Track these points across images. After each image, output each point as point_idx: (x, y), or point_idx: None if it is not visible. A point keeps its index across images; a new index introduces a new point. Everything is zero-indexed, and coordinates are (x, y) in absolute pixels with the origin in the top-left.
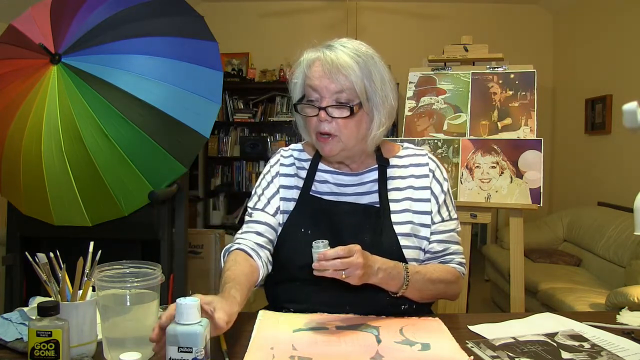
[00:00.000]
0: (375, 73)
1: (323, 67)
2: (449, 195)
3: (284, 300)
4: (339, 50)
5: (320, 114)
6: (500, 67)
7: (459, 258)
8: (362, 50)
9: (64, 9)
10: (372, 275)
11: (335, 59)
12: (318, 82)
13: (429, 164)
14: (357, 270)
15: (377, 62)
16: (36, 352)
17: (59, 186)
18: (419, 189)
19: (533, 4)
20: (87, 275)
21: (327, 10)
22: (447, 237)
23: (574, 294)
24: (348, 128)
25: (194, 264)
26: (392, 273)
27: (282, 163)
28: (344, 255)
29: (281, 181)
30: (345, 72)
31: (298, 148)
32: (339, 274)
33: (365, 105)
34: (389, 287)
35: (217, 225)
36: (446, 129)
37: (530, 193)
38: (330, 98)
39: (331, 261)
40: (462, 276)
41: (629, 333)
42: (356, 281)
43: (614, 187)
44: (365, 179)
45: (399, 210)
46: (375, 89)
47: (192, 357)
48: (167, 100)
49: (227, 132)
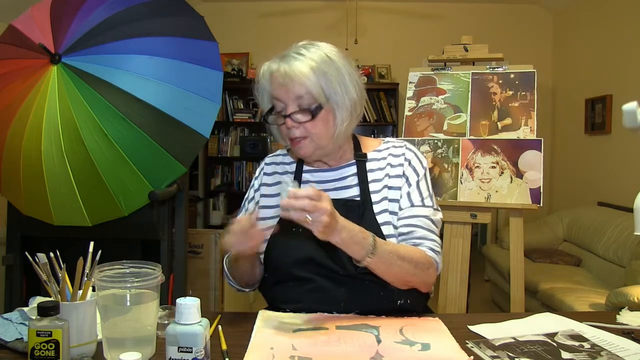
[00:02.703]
0: (331, 73)
1: (280, 75)
2: (425, 182)
3: (279, 301)
4: (291, 60)
5: (287, 122)
6: (500, 67)
7: (430, 244)
8: (316, 53)
9: (64, 9)
10: (335, 231)
11: (289, 69)
12: (278, 92)
13: (405, 153)
14: (322, 216)
15: (333, 61)
16: (36, 352)
17: (59, 186)
18: (394, 177)
19: (533, 4)
20: (87, 275)
21: (327, 10)
22: (415, 221)
23: (574, 294)
24: (316, 128)
25: (194, 264)
26: (358, 236)
27: (265, 172)
28: (314, 197)
29: (263, 191)
30: (300, 81)
31: (283, 153)
32: (303, 216)
33: (327, 105)
34: (353, 252)
35: (217, 225)
36: (446, 129)
37: (530, 193)
38: (293, 105)
39: (300, 200)
40: (434, 264)
41: (629, 333)
42: (320, 229)
43: (614, 187)
44: (344, 173)
45: (378, 201)
46: (334, 88)
47: (192, 357)
48: (167, 100)
49: (227, 132)
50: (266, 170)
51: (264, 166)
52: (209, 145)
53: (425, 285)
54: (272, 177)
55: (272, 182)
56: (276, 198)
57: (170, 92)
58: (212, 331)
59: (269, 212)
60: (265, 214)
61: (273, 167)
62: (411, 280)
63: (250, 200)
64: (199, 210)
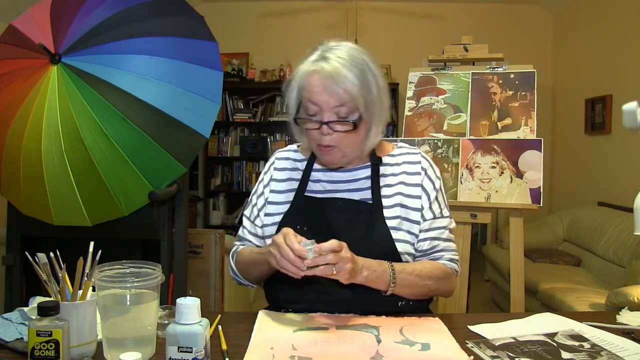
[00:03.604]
0: (371, 81)
1: (321, 82)
2: (441, 193)
3: (282, 301)
4: (335, 62)
5: (322, 128)
6: (500, 67)
7: (449, 255)
8: (358, 58)
9: (64, 8)
10: (358, 273)
11: (334, 72)
12: (318, 97)
13: (421, 162)
14: (347, 264)
15: (372, 69)
16: (36, 352)
17: (59, 186)
18: (411, 185)
19: (533, 4)
20: (87, 275)
21: (327, 10)
22: (436, 234)
23: (574, 294)
24: (348, 139)
25: (194, 264)
26: (377, 271)
27: (275, 167)
28: (337, 248)
29: (273, 186)
30: (344, 86)
31: (293, 149)
32: (330, 270)
33: (365, 116)
34: (377, 285)
35: (217, 225)
36: (446, 129)
37: (530, 193)
38: (331, 112)
39: (325, 257)
40: (454, 273)
41: (629, 333)
42: (346, 276)
43: (614, 187)
44: (357, 175)
45: (390, 206)
46: (373, 98)
47: (192, 357)
48: (167, 100)
49: (227, 132)
50: (277, 165)
51: (275, 161)
52: (209, 145)
53: (447, 294)
54: (283, 172)
55: (282, 177)
56: (285, 194)
57: (170, 92)
58: (212, 331)
59: (277, 208)
60: (273, 210)
61: (284, 163)
62: (433, 294)
63: (259, 196)
64: (199, 210)
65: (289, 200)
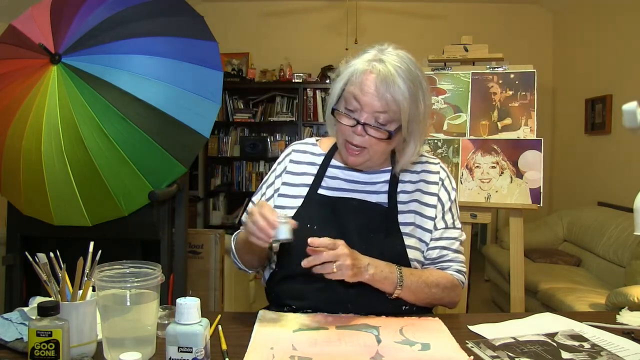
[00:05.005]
0: (420, 99)
1: (373, 82)
2: (455, 204)
3: (285, 297)
4: (391, 67)
5: (357, 128)
6: (500, 67)
7: (457, 266)
8: (413, 72)
9: (64, 9)
10: (363, 271)
11: (388, 77)
12: (365, 97)
13: (439, 172)
14: (345, 261)
15: (424, 87)
16: (36, 352)
17: (59, 186)
18: (427, 194)
19: (533, 4)
20: (87, 275)
21: (327, 10)
22: (446, 244)
23: (574, 294)
24: (379, 146)
25: (194, 264)
26: (385, 271)
27: (292, 159)
28: (330, 246)
29: (286, 178)
30: (394, 94)
31: (312, 142)
32: (330, 268)
33: (404, 130)
34: (383, 286)
35: (217, 225)
36: (446, 129)
37: (530, 193)
38: (371, 115)
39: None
40: (460, 284)
41: (629, 333)
42: (348, 273)
43: (614, 187)
44: (376, 178)
45: (405, 211)
46: (418, 116)
47: (192, 357)
48: (167, 100)
49: (227, 132)
50: (293, 157)
51: (292, 152)
52: (209, 145)
53: (451, 304)
54: (298, 166)
55: (297, 171)
56: (298, 188)
57: (171, 92)
58: (212, 331)
59: (288, 201)
60: (283, 203)
61: (301, 156)
62: (438, 303)
63: (270, 186)
64: (199, 210)
65: (302, 195)
